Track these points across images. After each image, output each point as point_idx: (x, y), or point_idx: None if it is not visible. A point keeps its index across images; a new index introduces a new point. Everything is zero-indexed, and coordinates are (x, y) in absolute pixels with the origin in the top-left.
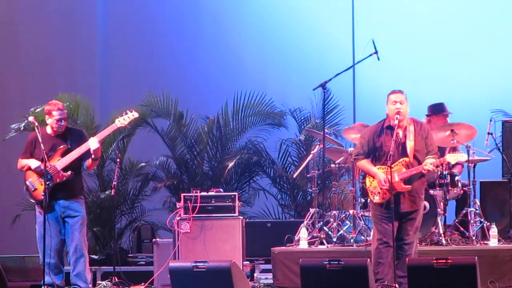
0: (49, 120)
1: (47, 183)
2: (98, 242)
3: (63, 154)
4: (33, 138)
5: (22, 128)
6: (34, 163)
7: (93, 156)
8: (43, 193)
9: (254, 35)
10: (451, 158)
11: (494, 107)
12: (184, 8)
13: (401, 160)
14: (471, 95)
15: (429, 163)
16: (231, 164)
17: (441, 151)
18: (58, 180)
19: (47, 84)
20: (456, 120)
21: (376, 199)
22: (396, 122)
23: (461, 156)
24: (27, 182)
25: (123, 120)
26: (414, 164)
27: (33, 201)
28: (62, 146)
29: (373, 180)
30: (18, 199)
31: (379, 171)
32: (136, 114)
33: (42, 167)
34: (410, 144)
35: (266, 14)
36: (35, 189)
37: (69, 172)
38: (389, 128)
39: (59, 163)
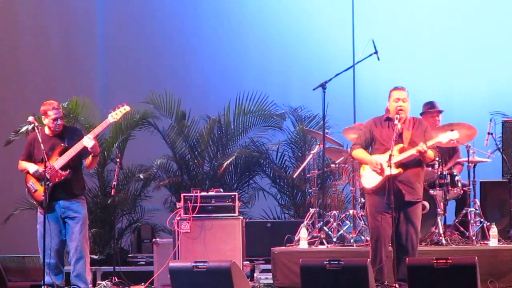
0: (45, 121)
1: (47, 183)
2: (98, 242)
3: (61, 153)
4: (31, 139)
5: (25, 131)
6: (32, 167)
7: (92, 153)
8: (43, 194)
9: (255, 35)
10: (442, 137)
11: (494, 107)
12: (185, 8)
13: (396, 146)
14: (471, 95)
15: (424, 144)
16: (227, 162)
17: (442, 152)
18: (56, 180)
19: (47, 85)
20: (456, 120)
21: (367, 184)
22: (397, 122)
23: (452, 134)
24: (28, 184)
25: (115, 115)
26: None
27: (34, 202)
28: (59, 146)
29: (367, 167)
30: (16, 201)
31: (373, 157)
32: (127, 108)
33: (42, 168)
34: (406, 134)
35: (267, 15)
36: (36, 190)
37: (67, 171)
38: (388, 120)
39: (57, 162)
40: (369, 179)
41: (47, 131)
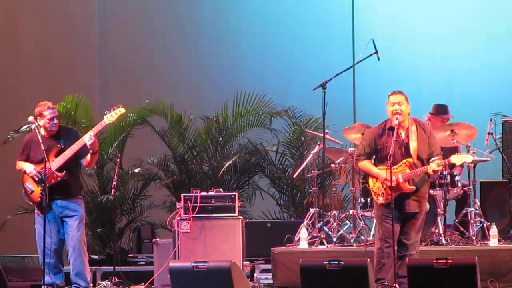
0: (41, 122)
1: (43, 184)
2: (98, 242)
3: (57, 155)
4: (28, 140)
5: (23, 130)
6: (28, 167)
7: (91, 150)
8: (40, 195)
9: (254, 35)
10: (456, 159)
11: (494, 107)
12: (183, 7)
13: (404, 161)
14: (471, 95)
15: (435, 164)
16: (227, 164)
17: (444, 152)
18: (52, 181)
19: (46, 86)
20: (456, 120)
21: (380, 200)
22: (396, 122)
23: (467, 157)
24: (25, 185)
25: (110, 117)
26: (417, 164)
27: (31, 203)
28: (55, 147)
29: (376, 181)
30: (14, 202)
31: (381, 171)
32: (123, 110)
33: (38, 169)
34: (413, 145)
35: (267, 14)
36: (32, 191)
37: (63, 173)
38: (391, 129)
39: (53, 163)
40: (380, 195)
41: (42, 132)
